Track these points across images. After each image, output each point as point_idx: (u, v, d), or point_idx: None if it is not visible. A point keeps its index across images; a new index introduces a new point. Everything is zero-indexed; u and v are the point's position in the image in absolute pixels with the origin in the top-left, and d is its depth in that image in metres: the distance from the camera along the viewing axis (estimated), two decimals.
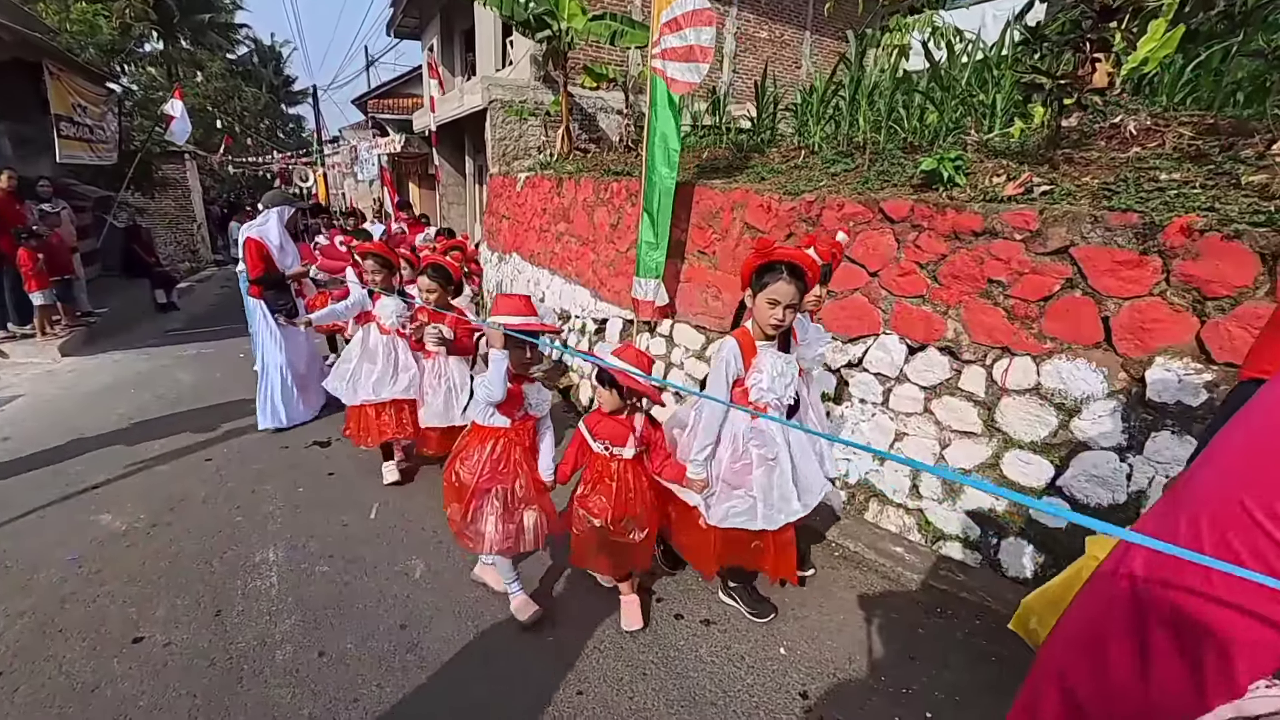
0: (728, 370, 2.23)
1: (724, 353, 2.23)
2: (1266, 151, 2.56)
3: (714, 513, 2.32)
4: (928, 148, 3.95)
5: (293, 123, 31.10)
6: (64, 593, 2.62)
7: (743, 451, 2.31)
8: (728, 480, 2.32)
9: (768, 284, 2.12)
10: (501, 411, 2.27)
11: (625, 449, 2.34)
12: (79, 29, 11.18)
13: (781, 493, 2.30)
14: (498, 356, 2.15)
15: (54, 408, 4.98)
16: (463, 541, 2.38)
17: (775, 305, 2.11)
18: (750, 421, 2.29)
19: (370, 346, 3.60)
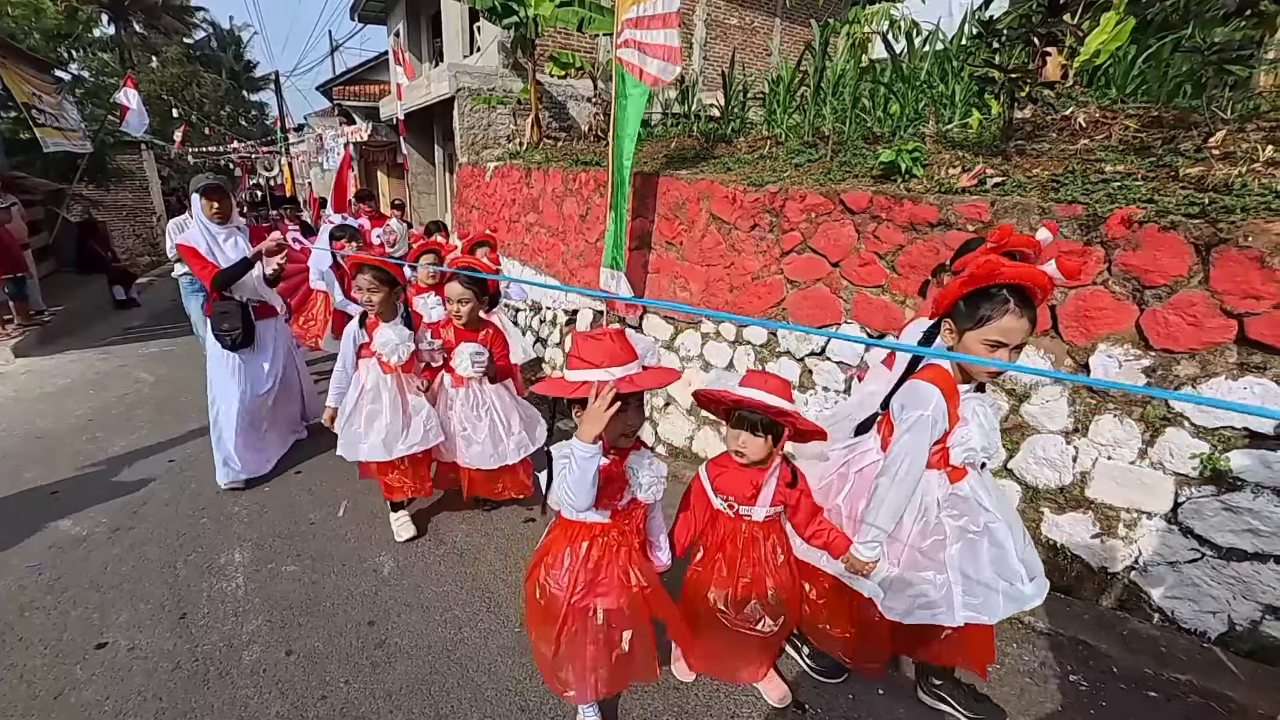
0: (933, 430, 1.69)
1: (927, 407, 1.68)
2: (1204, 145, 2.66)
3: (894, 605, 1.83)
4: (890, 138, 4.01)
5: (255, 110, 30.15)
6: (23, 601, 2.58)
7: (935, 524, 1.80)
8: (913, 562, 1.81)
9: (988, 318, 1.57)
10: (599, 503, 1.63)
11: (755, 508, 1.83)
12: (21, 13, 10.70)
13: (1001, 571, 1.78)
14: (584, 454, 1.49)
15: (8, 411, 4.83)
16: (553, 686, 1.85)
17: (998, 348, 1.57)
18: (947, 487, 1.80)
19: (370, 388, 2.88)
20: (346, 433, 2.88)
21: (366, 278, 2.73)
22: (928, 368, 1.76)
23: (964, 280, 1.59)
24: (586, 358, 1.55)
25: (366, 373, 2.89)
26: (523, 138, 8.40)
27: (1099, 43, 3.41)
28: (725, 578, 1.85)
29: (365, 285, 2.73)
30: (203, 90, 21.99)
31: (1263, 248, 2.19)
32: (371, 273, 2.74)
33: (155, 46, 21.27)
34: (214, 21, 27.50)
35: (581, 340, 1.58)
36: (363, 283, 2.73)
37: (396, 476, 2.96)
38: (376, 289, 2.75)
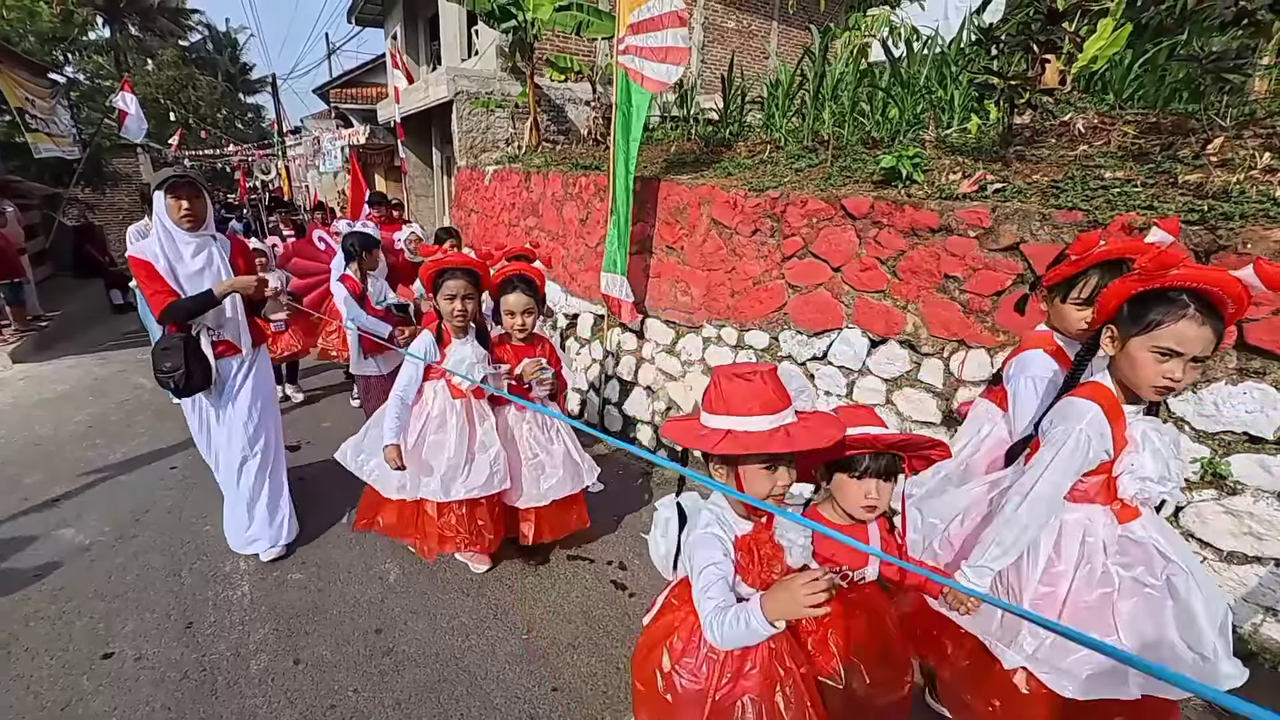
0: (1088, 451, 1.45)
1: (1081, 422, 1.45)
2: (1202, 152, 2.69)
3: (1063, 678, 1.50)
4: (889, 142, 4.04)
5: (251, 112, 30.08)
6: (28, 611, 2.57)
7: (1102, 573, 1.51)
8: (1075, 620, 1.51)
9: (1159, 323, 1.33)
10: (749, 582, 1.38)
11: (869, 568, 1.57)
12: (16, 16, 10.66)
13: (1187, 636, 1.45)
14: (760, 629, 1.23)
15: (6, 418, 4.82)
16: None
17: (1170, 358, 1.33)
18: (1115, 527, 1.53)
19: (436, 415, 2.54)
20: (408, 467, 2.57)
21: (459, 282, 2.38)
22: (1085, 385, 1.53)
23: (1133, 279, 1.37)
24: (731, 403, 1.29)
25: (433, 398, 2.57)
26: (521, 141, 8.40)
27: (1096, 48, 3.44)
28: (843, 652, 1.52)
29: (458, 291, 2.37)
30: (199, 93, 21.93)
31: (1261, 254, 2.21)
32: (465, 277, 2.40)
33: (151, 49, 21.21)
34: (210, 24, 27.45)
35: (725, 380, 1.32)
36: (454, 289, 2.38)
37: (450, 522, 2.55)
38: (471, 294, 2.41)
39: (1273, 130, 2.79)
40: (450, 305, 2.42)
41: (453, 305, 2.42)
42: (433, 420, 2.55)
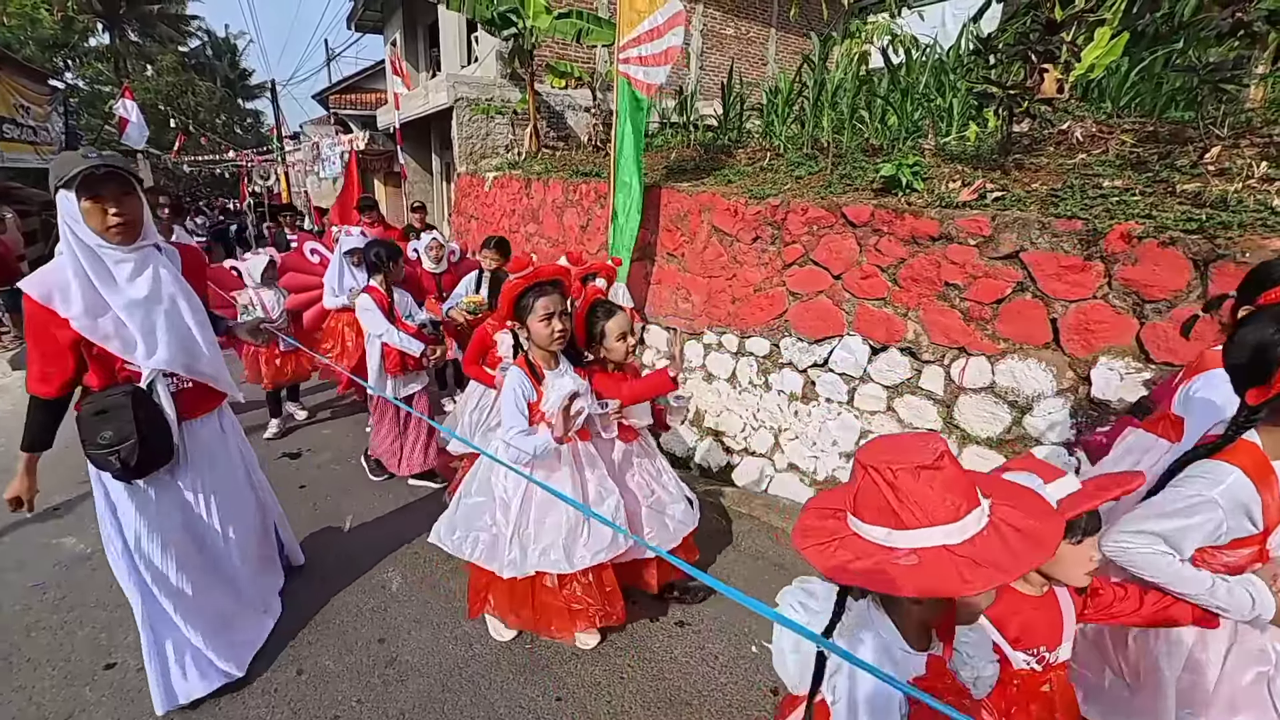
0: (1215, 526, 1.28)
1: (1212, 488, 1.27)
2: (1199, 161, 2.71)
3: None
4: (888, 149, 4.06)
5: (250, 117, 30.12)
6: (29, 621, 2.56)
7: (1259, 652, 1.40)
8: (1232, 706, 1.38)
9: None
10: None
11: (1064, 646, 1.35)
12: (17, 23, 10.68)
13: None
14: None
15: (6, 425, 4.80)
16: None
17: None
18: None
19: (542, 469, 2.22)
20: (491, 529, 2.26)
21: (553, 298, 2.02)
22: (1235, 446, 1.30)
23: None
24: (922, 508, 0.89)
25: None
26: (521, 147, 8.44)
27: (1094, 57, 3.47)
28: None
29: (554, 308, 2.00)
30: (198, 98, 21.95)
31: (1259, 263, 2.23)
32: (557, 291, 2.07)
33: (150, 55, 21.23)
34: (209, 30, 27.51)
35: (909, 478, 0.89)
36: (550, 305, 2.01)
37: (576, 593, 2.19)
38: (567, 310, 2.09)
39: (1269, 139, 2.82)
40: (547, 327, 2.02)
41: (550, 327, 2.02)
42: (538, 474, 2.12)
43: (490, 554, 2.23)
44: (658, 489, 2.45)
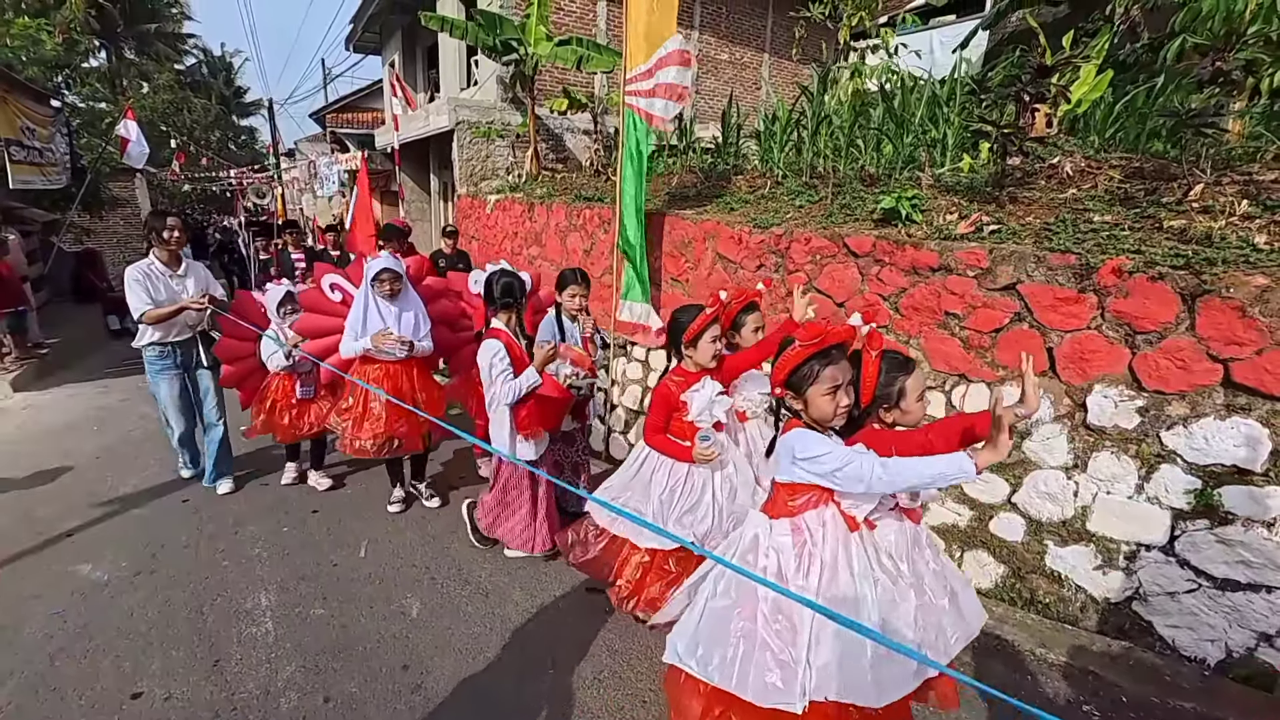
0: None
1: None
2: (1184, 198, 2.85)
3: None
4: (885, 179, 4.21)
5: (245, 134, 30.24)
6: (52, 649, 2.59)
7: None
8: None
9: None
10: None
11: None
12: (20, 44, 10.73)
13: None
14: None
15: (13, 449, 4.82)
16: None
17: None
18: None
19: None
20: None
21: (842, 365, 1.74)
22: None
23: None
24: None
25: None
26: (521, 170, 8.57)
27: (1080, 93, 3.64)
28: None
29: (842, 379, 1.72)
30: (193, 115, 22.05)
31: (1243, 298, 2.36)
32: (845, 356, 1.80)
33: (147, 73, 21.32)
34: (205, 48, 27.68)
35: None
36: (836, 376, 1.71)
37: None
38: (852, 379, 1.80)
39: (1249, 177, 2.97)
40: (832, 402, 1.70)
41: (836, 401, 1.70)
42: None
43: (745, 680, 1.69)
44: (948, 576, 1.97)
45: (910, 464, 1.63)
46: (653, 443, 2.56)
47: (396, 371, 3.47)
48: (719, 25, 10.56)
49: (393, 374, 3.45)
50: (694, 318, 2.45)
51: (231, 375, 4.04)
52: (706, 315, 2.43)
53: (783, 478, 1.80)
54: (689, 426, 2.46)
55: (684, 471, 2.53)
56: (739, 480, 2.58)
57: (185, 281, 3.73)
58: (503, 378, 2.80)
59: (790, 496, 1.80)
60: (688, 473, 2.53)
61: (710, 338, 2.43)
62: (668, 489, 2.55)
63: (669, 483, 2.56)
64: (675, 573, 2.51)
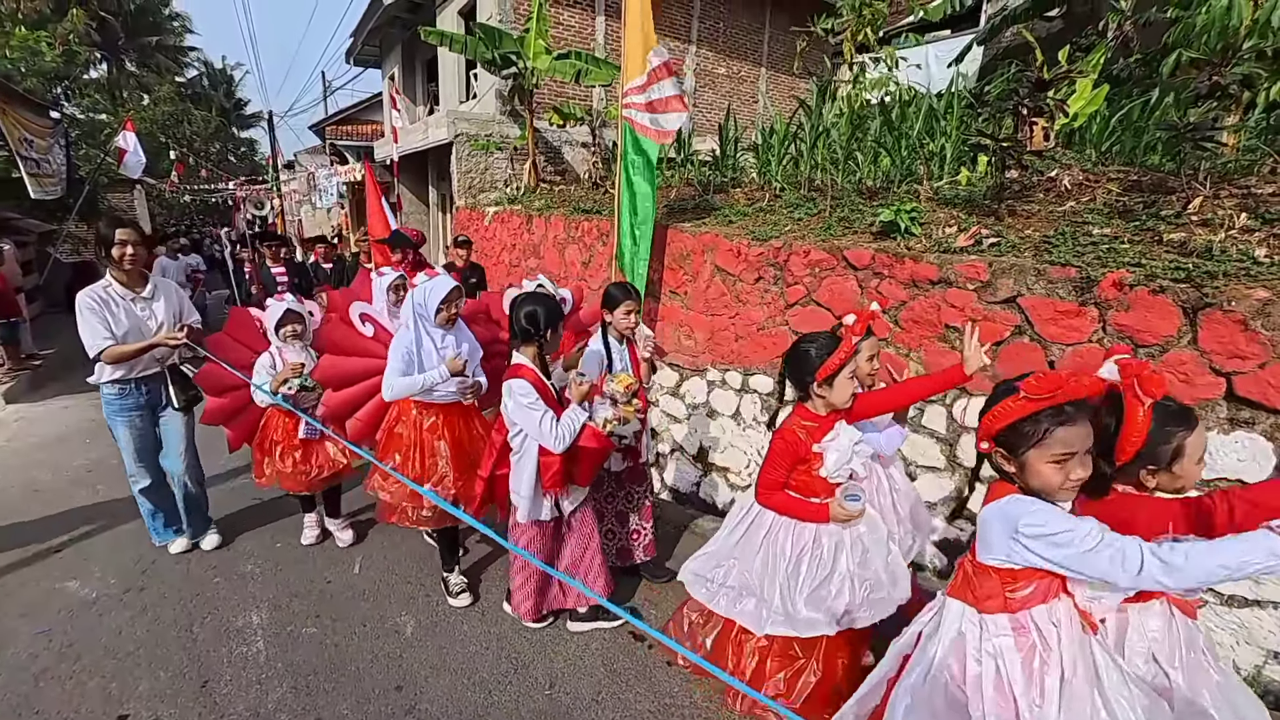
0: None
1: None
2: (1183, 211, 2.85)
3: None
4: (883, 191, 4.22)
5: (244, 146, 30.35)
6: (36, 670, 2.53)
7: None
8: None
9: None
10: None
11: None
12: (19, 55, 10.76)
13: None
14: None
15: (4, 461, 4.76)
16: None
17: None
18: None
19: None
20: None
21: (1083, 429, 1.37)
22: None
23: None
24: None
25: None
26: (520, 182, 8.58)
27: (1077, 106, 3.66)
28: None
29: (1078, 446, 1.36)
30: (193, 127, 22.14)
31: (1245, 311, 2.34)
32: (1087, 416, 1.42)
33: (147, 85, 21.45)
34: (206, 61, 27.86)
35: None
36: (1071, 441, 1.35)
37: None
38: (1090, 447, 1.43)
39: (1246, 190, 2.97)
40: (1061, 472, 1.36)
41: (1065, 471, 1.36)
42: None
43: None
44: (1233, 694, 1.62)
45: (1205, 553, 1.20)
46: (771, 502, 2.12)
47: (455, 419, 2.88)
48: (716, 40, 10.65)
49: (451, 421, 2.86)
50: (828, 350, 1.95)
51: (219, 410, 3.29)
52: (848, 348, 1.94)
53: (995, 559, 1.42)
54: (819, 481, 2.05)
55: (811, 535, 2.08)
56: (870, 539, 2.13)
57: (153, 306, 3.08)
58: (549, 420, 2.30)
59: (1009, 585, 1.42)
60: (815, 536, 2.08)
61: (849, 374, 1.97)
62: (793, 559, 2.09)
63: (793, 551, 2.10)
64: (803, 659, 2.12)
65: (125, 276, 3.02)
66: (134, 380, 3.13)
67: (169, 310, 3.13)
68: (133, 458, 3.21)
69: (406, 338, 2.72)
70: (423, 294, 2.70)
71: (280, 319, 3.17)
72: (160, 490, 3.33)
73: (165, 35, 23.52)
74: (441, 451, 2.81)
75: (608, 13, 9.32)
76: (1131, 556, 1.23)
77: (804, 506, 2.07)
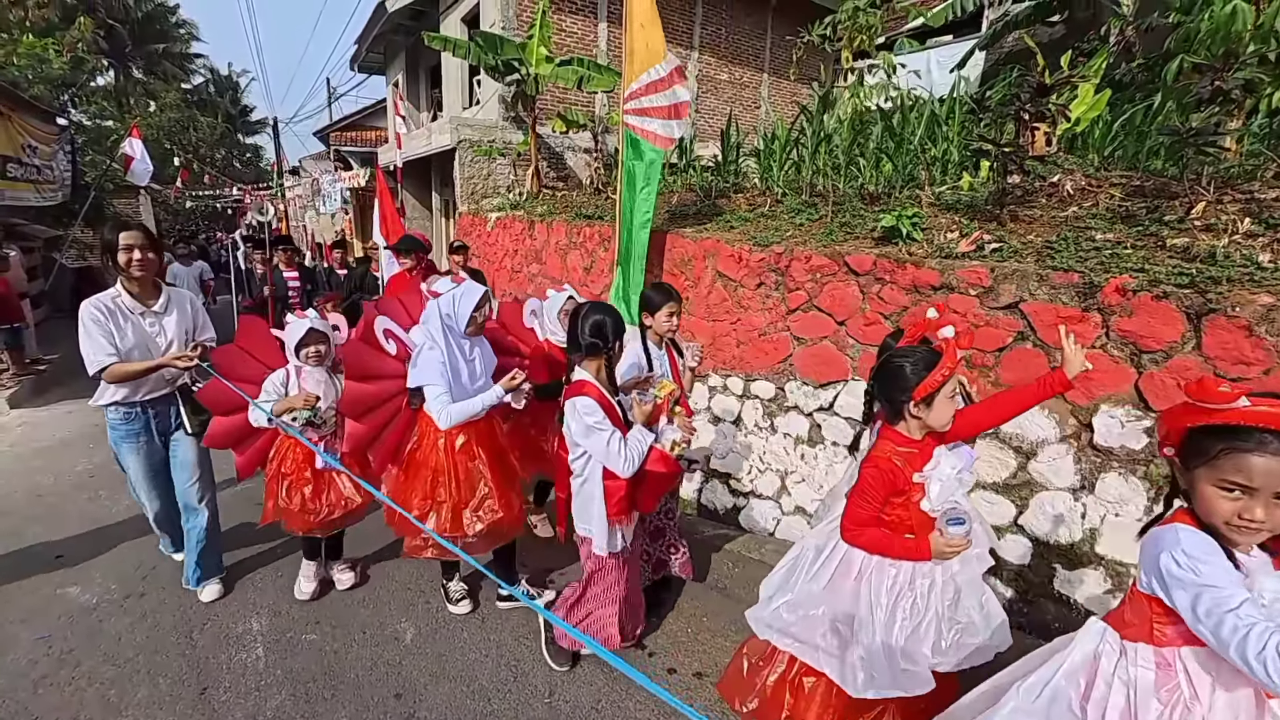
0: None
1: None
2: (1186, 216, 2.84)
3: None
4: (885, 197, 4.22)
5: (249, 152, 30.56)
6: (36, 676, 2.52)
7: None
8: None
9: None
10: None
11: None
12: (26, 62, 10.87)
13: None
14: None
15: (6, 466, 4.77)
16: None
17: None
18: None
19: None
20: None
21: None
22: None
23: None
24: None
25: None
26: (522, 188, 8.61)
27: (1079, 111, 3.66)
28: None
29: None
30: (199, 134, 22.30)
31: (1249, 317, 2.33)
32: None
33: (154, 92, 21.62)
34: (213, 68, 28.10)
35: None
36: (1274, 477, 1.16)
37: None
38: None
39: (1250, 195, 2.96)
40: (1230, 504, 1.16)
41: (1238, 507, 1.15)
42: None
43: None
44: None
45: None
46: (862, 540, 1.84)
47: (484, 432, 2.67)
48: (719, 46, 10.69)
49: (481, 436, 2.66)
50: (926, 366, 1.73)
51: (223, 432, 2.87)
52: (952, 362, 1.70)
53: (1152, 588, 1.24)
54: (915, 514, 1.81)
55: (906, 577, 1.84)
56: (963, 577, 1.88)
57: (164, 321, 2.77)
58: (616, 442, 2.12)
59: (1159, 618, 1.24)
60: (910, 578, 1.84)
61: (950, 393, 1.75)
62: (888, 606, 1.84)
63: (889, 597, 1.84)
64: (880, 708, 1.93)
65: (137, 286, 2.71)
66: (140, 403, 2.82)
67: (181, 326, 2.82)
68: (142, 487, 2.97)
69: (437, 356, 2.48)
70: (451, 303, 2.51)
71: (302, 338, 2.77)
72: (170, 519, 3.09)
73: (172, 42, 23.73)
74: (480, 472, 2.60)
75: (610, 19, 9.37)
76: (1255, 639, 1.00)
77: (900, 544, 1.81)
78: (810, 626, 1.93)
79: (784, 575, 2.09)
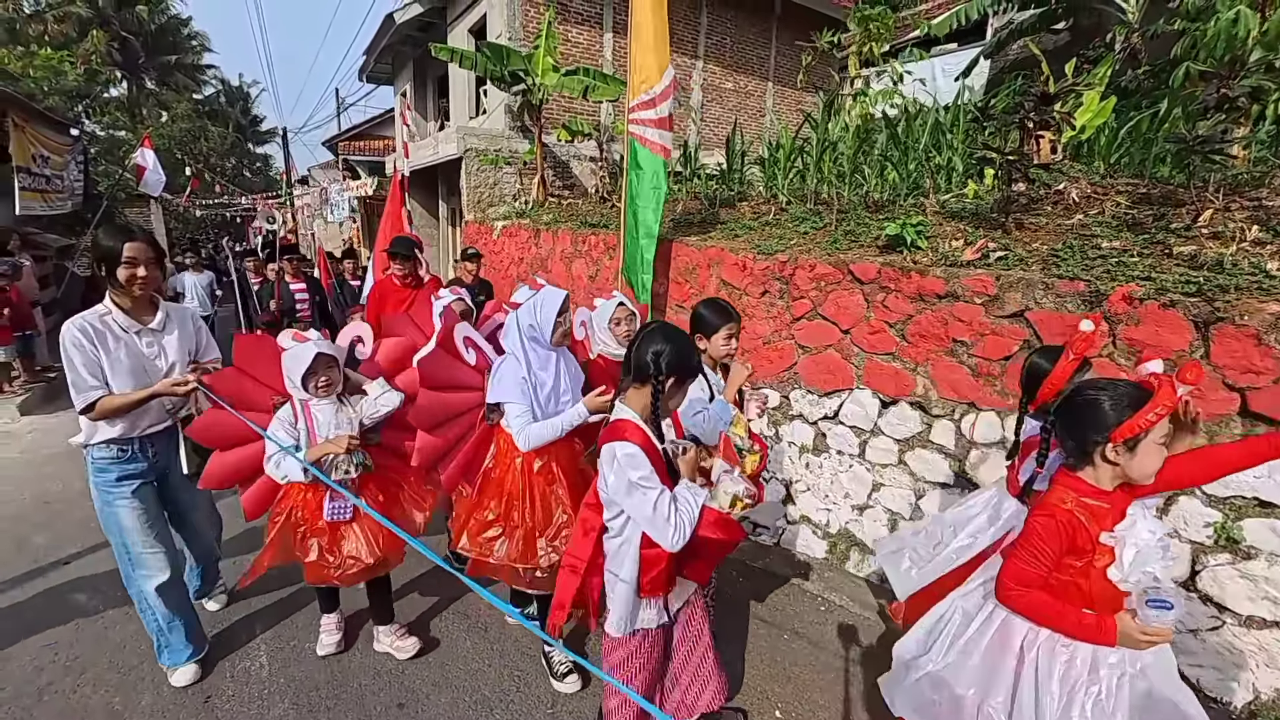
0: None
1: None
2: (1193, 224, 2.83)
3: None
4: (889, 205, 4.21)
5: (259, 161, 30.91)
6: (41, 683, 2.53)
7: None
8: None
9: None
10: None
11: None
12: (42, 74, 11.06)
13: None
14: None
15: (15, 472, 4.81)
16: None
17: None
18: None
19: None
20: None
21: None
22: None
23: None
24: None
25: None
26: (528, 196, 8.66)
27: (1085, 119, 3.65)
28: None
29: None
30: (210, 144, 22.59)
31: (1258, 326, 2.31)
32: None
33: (166, 102, 21.94)
34: (224, 78, 28.47)
35: None
36: None
37: None
38: None
39: (1258, 202, 2.94)
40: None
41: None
42: None
43: None
44: None
45: None
46: (1024, 605, 1.54)
47: (563, 454, 2.43)
48: (723, 55, 10.75)
49: (561, 459, 2.41)
50: (1132, 404, 1.45)
51: (221, 469, 2.44)
52: (1170, 401, 1.42)
53: None
54: (1097, 584, 1.49)
55: (1086, 663, 1.51)
56: (1156, 670, 1.54)
57: (163, 341, 2.36)
58: (664, 503, 1.64)
59: None
60: (1093, 664, 1.50)
61: (1160, 438, 1.45)
62: (1060, 698, 1.50)
63: (1062, 687, 1.51)
64: None
65: (130, 302, 2.28)
66: (138, 439, 2.35)
67: (183, 346, 2.41)
68: (142, 547, 2.40)
69: (517, 371, 2.24)
70: (533, 311, 2.22)
71: (310, 367, 2.29)
72: (178, 595, 2.52)
73: (184, 54, 24.07)
74: (559, 498, 2.33)
75: (615, 29, 9.44)
76: None
77: (1076, 617, 1.48)
78: (957, 711, 1.61)
79: (922, 639, 1.79)
